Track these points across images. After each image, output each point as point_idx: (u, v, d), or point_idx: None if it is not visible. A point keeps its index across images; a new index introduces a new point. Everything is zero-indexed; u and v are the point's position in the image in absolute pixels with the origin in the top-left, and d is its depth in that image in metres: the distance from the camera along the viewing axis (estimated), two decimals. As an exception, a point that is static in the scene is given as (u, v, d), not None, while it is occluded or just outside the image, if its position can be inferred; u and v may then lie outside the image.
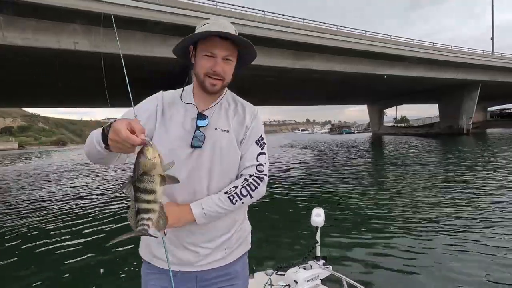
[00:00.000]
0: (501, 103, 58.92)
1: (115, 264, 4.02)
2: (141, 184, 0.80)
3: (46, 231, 5.75)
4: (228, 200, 1.08)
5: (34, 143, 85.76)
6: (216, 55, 1.04)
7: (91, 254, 4.41)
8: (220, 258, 1.16)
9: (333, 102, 54.66)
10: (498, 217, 5.17)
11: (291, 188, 8.82)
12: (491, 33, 36.91)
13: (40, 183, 13.09)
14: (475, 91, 32.59)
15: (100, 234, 5.42)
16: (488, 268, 3.43)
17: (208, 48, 1.04)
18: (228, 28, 1.04)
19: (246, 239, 1.26)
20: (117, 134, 0.80)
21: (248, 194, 1.10)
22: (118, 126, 0.80)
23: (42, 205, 8.29)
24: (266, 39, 16.41)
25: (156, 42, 13.97)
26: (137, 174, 0.80)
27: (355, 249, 4.16)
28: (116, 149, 0.85)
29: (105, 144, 0.88)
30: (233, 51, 1.07)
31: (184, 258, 1.13)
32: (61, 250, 4.71)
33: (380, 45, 21.41)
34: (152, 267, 1.17)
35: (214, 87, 1.08)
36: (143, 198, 0.81)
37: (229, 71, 1.09)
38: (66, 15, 11.33)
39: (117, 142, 0.81)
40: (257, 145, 1.15)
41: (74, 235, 5.38)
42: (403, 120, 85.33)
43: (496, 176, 8.93)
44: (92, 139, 0.95)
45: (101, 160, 1.01)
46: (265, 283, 2.05)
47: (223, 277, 1.17)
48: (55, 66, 14.63)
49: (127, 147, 0.81)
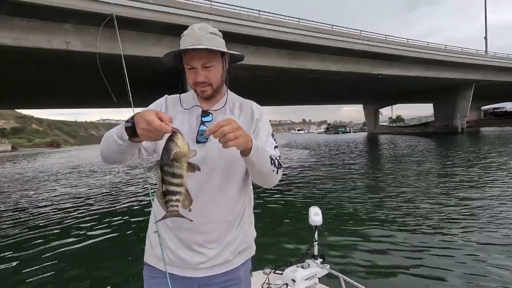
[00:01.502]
0: (495, 102, 59.64)
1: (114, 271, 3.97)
2: (170, 168, 0.87)
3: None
4: (269, 157, 1.05)
5: (27, 145, 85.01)
6: (195, 66, 1.08)
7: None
8: (224, 261, 1.14)
9: (329, 102, 54.81)
10: (497, 217, 5.16)
11: (289, 187, 8.80)
12: (485, 33, 37.29)
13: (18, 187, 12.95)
14: (469, 91, 32.88)
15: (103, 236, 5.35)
16: (487, 268, 3.43)
17: (187, 61, 1.09)
18: (200, 37, 1.06)
19: (251, 244, 1.25)
20: (150, 124, 0.84)
21: (277, 167, 1.08)
22: (149, 117, 0.85)
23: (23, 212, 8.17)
24: (261, 39, 16.39)
25: (151, 42, 13.87)
26: (166, 159, 0.86)
27: (353, 247, 4.15)
28: (146, 138, 0.89)
29: (129, 136, 0.93)
30: (210, 57, 1.08)
31: (188, 259, 1.11)
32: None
33: (375, 45, 21.49)
34: (155, 271, 1.16)
35: (205, 93, 1.12)
36: (171, 181, 0.88)
37: (213, 76, 1.11)
38: (57, 14, 11.13)
39: (149, 131, 0.86)
40: (272, 138, 1.18)
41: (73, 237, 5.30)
42: (398, 119, 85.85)
43: (495, 173, 8.99)
44: (110, 137, 1.00)
45: (120, 157, 1.04)
46: (263, 282, 2.05)
47: (226, 283, 1.16)
48: (48, 66, 14.48)
49: (158, 135, 0.87)
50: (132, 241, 5.05)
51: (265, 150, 1.06)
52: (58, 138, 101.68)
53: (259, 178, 1.11)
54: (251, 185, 1.25)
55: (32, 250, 4.82)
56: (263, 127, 1.17)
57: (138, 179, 12.52)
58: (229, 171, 1.12)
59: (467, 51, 28.66)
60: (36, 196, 9.90)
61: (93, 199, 8.83)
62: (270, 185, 1.13)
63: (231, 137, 0.87)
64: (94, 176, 14.57)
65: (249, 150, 0.96)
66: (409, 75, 25.65)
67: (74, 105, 33.22)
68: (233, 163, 1.11)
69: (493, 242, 4.07)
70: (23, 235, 5.66)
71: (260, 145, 1.02)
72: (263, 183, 1.12)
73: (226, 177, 1.12)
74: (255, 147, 0.98)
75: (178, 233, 1.11)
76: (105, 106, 36.03)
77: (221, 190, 1.11)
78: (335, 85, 28.38)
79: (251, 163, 1.02)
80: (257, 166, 1.03)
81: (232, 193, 1.14)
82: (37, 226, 6.22)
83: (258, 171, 1.05)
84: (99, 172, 16.06)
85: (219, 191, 1.11)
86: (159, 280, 1.13)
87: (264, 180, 1.10)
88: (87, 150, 57.34)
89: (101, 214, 6.99)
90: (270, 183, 1.12)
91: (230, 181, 1.13)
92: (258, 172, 1.05)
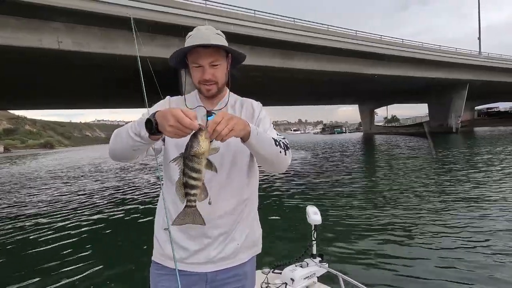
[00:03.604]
0: (488, 102, 60.33)
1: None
2: (190, 162, 0.92)
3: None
4: (272, 139, 1.06)
5: (20, 146, 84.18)
6: (202, 64, 1.11)
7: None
8: (231, 256, 1.17)
9: (325, 102, 55.07)
10: (495, 217, 5.15)
11: (288, 186, 8.78)
12: (478, 34, 37.72)
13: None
14: (464, 91, 33.20)
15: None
16: (486, 267, 3.41)
17: (194, 60, 1.12)
18: (208, 36, 1.10)
19: (257, 241, 1.28)
20: (179, 121, 0.87)
21: (284, 149, 1.09)
22: (178, 114, 0.87)
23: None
24: (256, 39, 16.36)
25: (144, 41, 13.78)
26: (188, 153, 0.91)
27: (352, 246, 4.14)
28: (173, 135, 0.91)
29: (150, 133, 0.95)
30: (218, 56, 1.13)
31: (195, 254, 1.14)
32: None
33: (370, 45, 21.61)
34: (163, 268, 1.18)
35: (210, 91, 1.16)
36: (190, 175, 0.93)
37: (219, 74, 1.15)
38: (46, 12, 10.94)
39: (178, 128, 0.88)
40: (272, 127, 1.22)
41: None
42: (394, 119, 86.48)
43: (491, 172, 9.05)
44: (125, 133, 1.01)
45: (133, 153, 1.07)
46: (261, 281, 2.05)
47: (233, 278, 1.19)
48: (41, 66, 14.30)
49: (187, 132, 0.89)
50: (138, 238, 5.04)
51: (266, 133, 1.08)
52: (52, 139, 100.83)
53: (267, 163, 1.09)
54: (256, 182, 1.27)
55: (32, 249, 4.74)
56: (264, 119, 1.22)
57: (145, 178, 12.42)
58: (234, 165, 1.16)
59: (461, 52, 28.98)
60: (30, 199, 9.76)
61: (97, 197, 8.72)
62: (281, 169, 1.13)
63: (226, 132, 0.90)
64: (99, 175, 14.42)
65: (249, 134, 0.98)
66: (404, 75, 25.84)
67: (69, 105, 32.94)
68: (238, 158, 1.16)
69: (494, 242, 4.06)
70: (23, 234, 5.56)
71: (259, 129, 1.04)
72: (274, 167, 1.11)
73: (231, 173, 1.15)
74: (254, 130, 1.00)
75: (185, 228, 1.12)
76: (102, 106, 35.87)
77: (227, 185, 1.15)
78: (331, 85, 28.48)
79: (254, 147, 1.03)
80: (261, 150, 1.04)
81: (238, 188, 1.17)
82: (36, 224, 6.13)
83: (264, 154, 1.05)
84: (104, 172, 15.89)
85: (225, 186, 1.14)
86: (167, 277, 1.15)
87: (274, 164, 1.10)
88: (81, 151, 56.97)
89: (108, 210, 6.90)
90: (281, 166, 1.11)
91: (236, 176, 1.16)
92: (265, 155, 1.05)
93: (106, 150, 1.15)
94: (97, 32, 12.56)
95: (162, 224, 1.17)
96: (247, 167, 1.19)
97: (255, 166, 1.25)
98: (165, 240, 1.16)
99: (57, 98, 25.12)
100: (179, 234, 1.15)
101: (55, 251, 4.70)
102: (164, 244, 1.17)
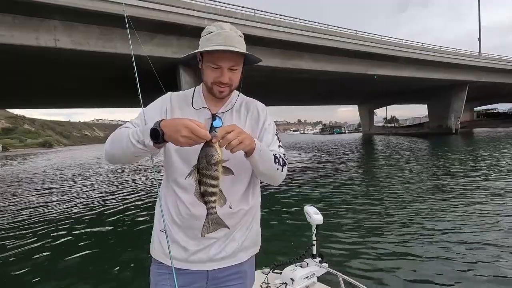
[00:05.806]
0: (488, 103, 60.46)
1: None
2: (209, 171, 0.94)
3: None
4: (273, 156, 1.09)
5: (19, 145, 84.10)
6: (222, 67, 1.09)
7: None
8: (232, 255, 1.18)
9: (324, 102, 55.07)
10: (495, 217, 5.13)
11: (288, 187, 8.75)
12: (479, 34, 37.78)
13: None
14: (463, 91, 33.20)
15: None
16: (487, 266, 3.39)
17: (214, 60, 1.08)
18: (231, 38, 1.07)
19: (257, 241, 1.29)
20: (194, 132, 0.90)
21: (282, 165, 1.12)
22: (192, 126, 0.90)
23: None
24: (255, 38, 16.28)
25: (142, 40, 13.71)
26: (204, 163, 0.93)
27: (352, 246, 4.12)
28: (185, 144, 0.93)
29: (156, 142, 0.96)
30: (239, 60, 1.11)
31: (197, 253, 1.14)
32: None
33: (370, 45, 21.56)
34: (164, 267, 1.18)
35: (222, 93, 1.13)
36: (209, 183, 0.95)
37: (235, 78, 1.14)
38: (44, 10, 10.81)
39: (191, 139, 0.91)
40: (276, 138, 1.22)
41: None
42: (393, 120, 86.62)
43: (491, 172, 9.04)
44: (125, 139, 1.01)
45: (132, 159, 1.07)
46: (261, 281, 2.05)
47: (232, 276, 1.20)
48: (39, 65, 14.21)
49: (199, 142, 0.92)
50: (139, 237, 5.04)
51: (268, 149, 1.11)
52: (51, 138, 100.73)
53: (264, 177, 1.14)
54: (259, 185, 1.28)
55: (31, 250, 4.70)
56: (269, 128, 1.21)
57: (144, 177, 12.38)
58: (238, 173, 1.13)
59: (461, 52, 28.96)
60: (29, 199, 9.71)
61: (97, 198, 8.69)
62: (276, 183, 1.17)
63: (236, 143, 0.92)
64: (99, 175, 14.38)
65: (253, 150, 1.01)
66: (404, 76, 25.81)
67: (67, 104, 32.82)
68: (242, 165, 1.15)
69: (494, 241, 4.03)
70: (22, 235, 5.52)
71: (263, 145, 1.07)
72: (269, 181, 1.16)
73: (236, 176, 1.12)
74: (258, 147, 1.02)
75: (186, 229, 1.14)
76: (101, 106, 35.76)
77: (231, 188, 1.14)
78: (330, 86, 28.46)
79: (255, 163, 1.05)
80: (261, 165, 1.06)
81: (241, 191, 1.18)
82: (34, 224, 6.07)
83: (262, 169, 1.08)
84: (100, 174, 15.85)
85: (229, 189, 1.12)
86: (168, 276, 1.14)
87: (270, 178, 1.14)
88: (78, 151, 56.88)
89: (108, 210, 6.87)
90: (276, 180, 1.15)
91: (240, 179, 1.17)
92: (263, 170, 1.09)
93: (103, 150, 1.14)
94: (95, 31, 12.48)
95: (161, 224, 1.18)
96: (249, 172, 1.19)
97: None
98: (165, 239, 1.17)
99: (55, 97, 25.02)
100: (180, 234, 1.15)
101: (55, 251, 4.66)
102: (164, 242, 1.17)
